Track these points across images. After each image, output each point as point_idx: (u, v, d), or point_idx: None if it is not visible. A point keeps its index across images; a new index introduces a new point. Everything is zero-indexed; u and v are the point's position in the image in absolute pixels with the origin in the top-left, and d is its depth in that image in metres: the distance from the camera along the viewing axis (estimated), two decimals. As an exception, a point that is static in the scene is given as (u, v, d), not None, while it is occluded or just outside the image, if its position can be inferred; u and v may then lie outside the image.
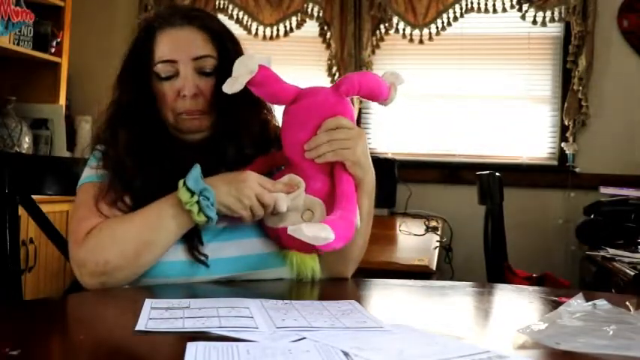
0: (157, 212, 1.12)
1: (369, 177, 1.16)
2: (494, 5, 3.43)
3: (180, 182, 1.09)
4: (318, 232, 0.96)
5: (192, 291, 1.10)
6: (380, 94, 1.17)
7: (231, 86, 1.09)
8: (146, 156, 1.19)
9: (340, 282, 1.26)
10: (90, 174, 1.22)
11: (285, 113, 1.15)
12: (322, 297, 1.18)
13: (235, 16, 3.63)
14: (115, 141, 1.21)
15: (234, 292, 1.04)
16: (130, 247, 1.10)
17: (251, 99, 1.22)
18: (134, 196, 1.17)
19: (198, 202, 1.07)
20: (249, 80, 1.09)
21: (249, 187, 1.09)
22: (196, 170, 1.10)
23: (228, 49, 1.22)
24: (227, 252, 1.17)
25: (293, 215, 1.11)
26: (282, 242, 1.16)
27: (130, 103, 1.23)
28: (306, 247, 1.14)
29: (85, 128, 3.43)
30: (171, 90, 1.20)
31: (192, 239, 1.16)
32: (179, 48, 1.21)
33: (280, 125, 1.18)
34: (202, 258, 1.15)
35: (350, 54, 3.48)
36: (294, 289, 1.19)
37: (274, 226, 1.15)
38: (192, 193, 1.08)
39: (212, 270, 1.17)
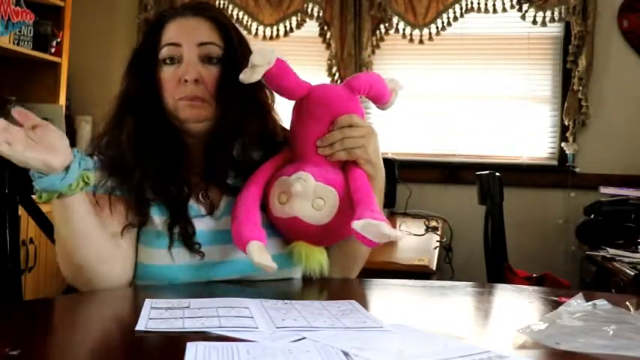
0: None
1: (380, 175, 1.17)
2: (494, 5, 3.43)
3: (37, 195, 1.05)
4: (389, 230, 1.00)
5: (192, 291, 1.10)
6: (384, 97, 1.21)
7: (249, 76, 1.10)
8: (148, 146, 1.19)
9: (340, 282, 1.26)
10: None
11: (296, 108, 1.16)
12: (322, 297, 1.19)
13: (235, 16, 3.63)
14: (120, 130, 1.20)
15: (234, 292, 1.04)
16: (64, 255, 1.10)
17: (254, 97, 1.22)
18: (133, 187, 1.17)
19: (38, 191, 1.03)
20: (266, 72, 1.09)
21: None
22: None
23: (233, 42, 1.22)
24: (239, 254, 1.16)
25: (303, 204, 1.11)
26: (290, 234, 1.16)
27: (136, 92, 1.23)
28: (319, 241, 1.15)
29: (85, 128, 3.43)
30: (174, 76, 1.20)
31: (184, 233, 1.16)
32: (185, 33, 1.21)
33: (288, 126, 1.19)
34: (196, 247, 1.15)
35: (350, 54, 3.47)
36: (294, 289, 1.19)
37: (281, 217, 1.14)
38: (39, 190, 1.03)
39: (225, 271, 1.17)
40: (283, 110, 1.26)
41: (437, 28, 3.48)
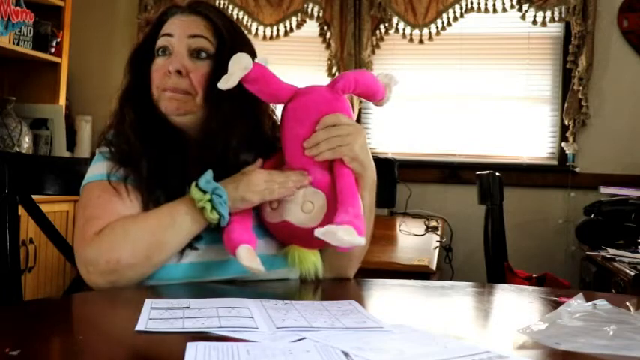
0: (170, 212, 1.13)
1: (368, 173, 1.17)
2: (494, 5, 3.43)
3: (193, 184, 1.12)
4: (348, 236, 0.98)
5: (192, 291, 1.10)
6: (376, 93, 1.18)
7: (225, 82, 1.10)
8: (147, 139, 1.20)
9: (340, 282, 1.26)
10: (95, 172, 1.21)
11: (283, 111, 1.16)
12: (322, 297, 1.19)
13: (235, 16, 3.63)
14: (123, 123, 1.22)
15: (234, 292, 1.04)
16: (142, 246, 1.10)
17: (245, 98, 1.21)
18: (141, 177, 1.17)
19: (210, 201, 1.10)
20: (244, 77, 1.09)
21: (256, 177, 1.13)
22: (209, 173, 1.12)
23: (225, 41, 1.23)
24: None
25: (292, 208, 1.12)
26: (283, 238, 1.17)
27: (134, 85, 1.24)
28: (310, 244, 1.15)
29: (85, 128, 3.43)
30: (162, 67, 1.21)
31: None
32: (179, 26, 1.23)
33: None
34: (194, 244, 1.16)
35: (350, 54, 3.48)
36: (294, 289, 1.19)
37: (273, 221, 1.15)
38: (205, 192, 1.10)
39: (219, 272, 1.17)
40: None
41: (437, 28, 3.48)
